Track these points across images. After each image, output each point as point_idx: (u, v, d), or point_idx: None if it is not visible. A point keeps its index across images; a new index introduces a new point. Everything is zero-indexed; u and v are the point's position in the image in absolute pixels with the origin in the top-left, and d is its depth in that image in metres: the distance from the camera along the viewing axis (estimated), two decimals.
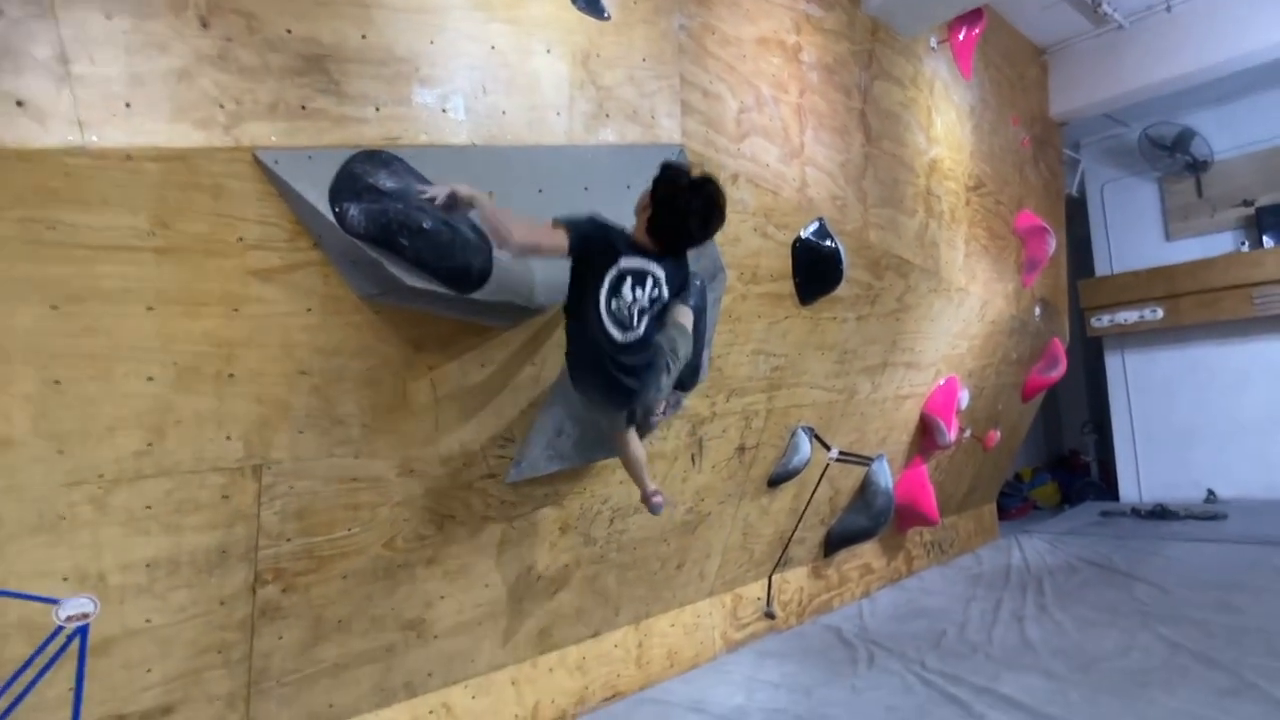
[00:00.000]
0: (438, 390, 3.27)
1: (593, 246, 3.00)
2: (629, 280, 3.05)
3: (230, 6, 2.45)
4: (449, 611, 3.76)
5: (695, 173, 3.11)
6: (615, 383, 3.13)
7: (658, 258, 3.13)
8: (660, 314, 3.25)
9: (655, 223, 3.08)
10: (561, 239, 2.90)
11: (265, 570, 3.05)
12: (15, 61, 2.14)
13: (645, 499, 3.70)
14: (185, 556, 2.83)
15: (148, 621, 2.81)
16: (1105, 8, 7.52)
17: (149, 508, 2.69)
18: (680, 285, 3.28)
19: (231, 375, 2.70)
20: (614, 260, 3.02)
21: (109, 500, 2.60)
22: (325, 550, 3.20)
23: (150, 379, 2.55)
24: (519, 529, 3.87)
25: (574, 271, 3.05)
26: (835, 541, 6.35)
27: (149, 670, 2.87)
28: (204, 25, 2.40)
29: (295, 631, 3.24)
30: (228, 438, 2.78)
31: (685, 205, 3.06)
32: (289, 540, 3.08)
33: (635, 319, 3.10)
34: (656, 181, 3.08)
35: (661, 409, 3.73)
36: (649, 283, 3.11)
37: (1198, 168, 9.77)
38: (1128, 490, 10.75)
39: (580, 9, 3.39)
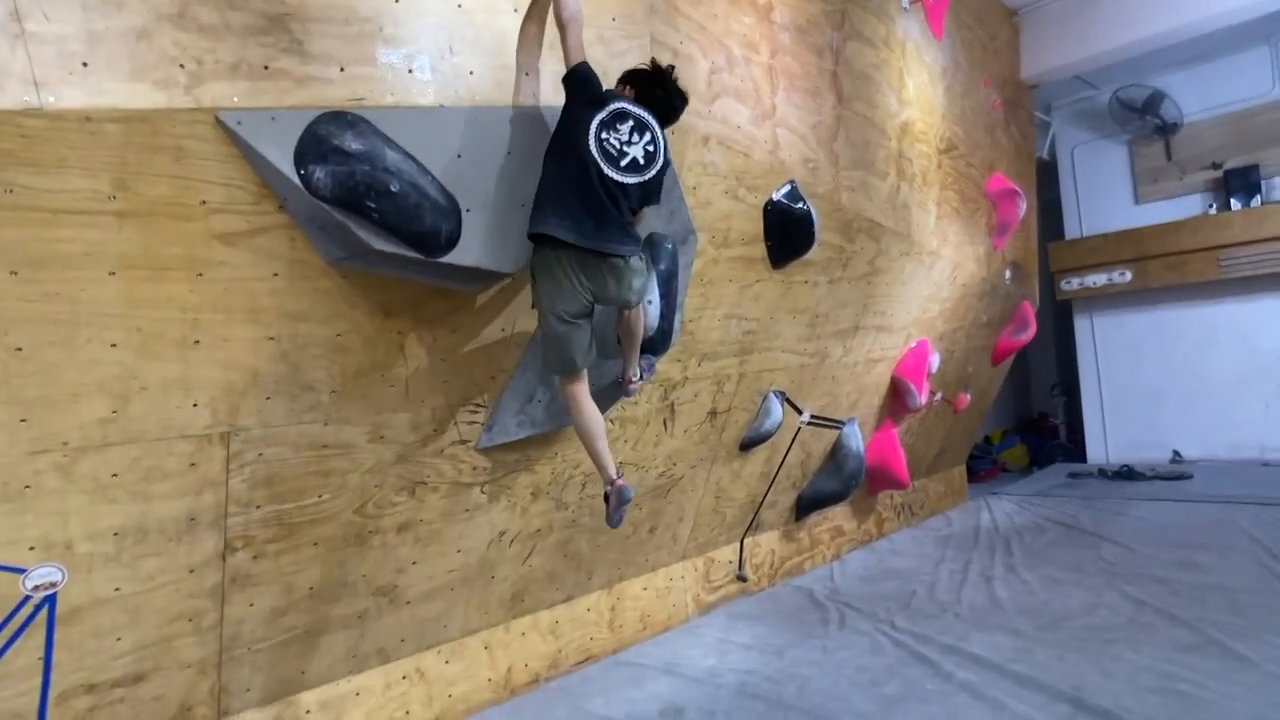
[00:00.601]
0: (407, 356, 3.24)
1: (595, 85, 3.10)
2: (630, 122, 3.11)
3: None
4: (421, 577, 3.76)
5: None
6: (596, 200, 3.04)
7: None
8: (643, 199, 3.21)
9: (639, 100, 3.21)
10: (581, 56, 3.11)
11: (235, 538, 3.03)
12: None
13: (609, 487, 3.35)
14: (154, 525, 2.80)
15: (117, 590, 2.79)
16: None
17: (115, 476, 2.65)
18: (662, 169, 3.22)
19: (197, 341, 2.66)
20: (616, 101, 3.11)
21: (75, 468, 2.56)
22: (295, 517, 3.18)
23: (114, 345, 2.51)
24: (490, 494, 3.87)
25: (565, 108, 3.11)
26: (807, 504, 6.40)
27: (119, 639, 2.85)
28: None
29: (266, 599, 3.23)
30: (194, 405, 2.74)
31: (663, 83, 3.26)
32: (258, 507, 3.06)
33: (625, 164, 3.08)
34: (630, 71, 3.31)
35: (637, 375, 3.70)
36: (646, 134, 3.15)
37: (1167, 130, 9.84)
38: (1095, 452, 10.91)
39: None
